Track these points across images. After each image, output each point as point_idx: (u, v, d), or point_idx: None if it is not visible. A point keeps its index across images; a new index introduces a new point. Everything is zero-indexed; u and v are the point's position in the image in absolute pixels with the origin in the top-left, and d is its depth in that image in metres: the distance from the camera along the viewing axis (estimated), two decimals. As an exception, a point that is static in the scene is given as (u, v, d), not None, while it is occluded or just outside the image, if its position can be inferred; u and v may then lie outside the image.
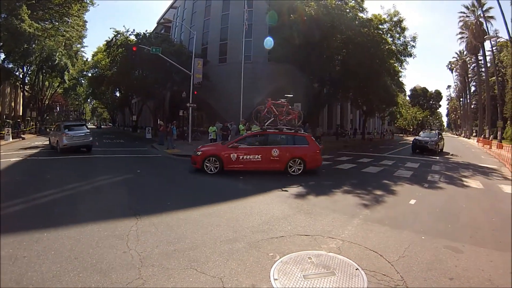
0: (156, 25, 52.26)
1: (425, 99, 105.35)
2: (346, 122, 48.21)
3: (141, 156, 17.04)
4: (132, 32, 34.21)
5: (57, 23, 32.92)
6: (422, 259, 4.68)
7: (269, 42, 23.19)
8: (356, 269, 4.19)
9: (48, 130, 35.41)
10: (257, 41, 31.22)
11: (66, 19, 33.11)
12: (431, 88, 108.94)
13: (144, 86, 33.17)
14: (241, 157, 11.47)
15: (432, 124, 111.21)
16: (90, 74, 52.52)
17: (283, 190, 9.05)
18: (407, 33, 27.91)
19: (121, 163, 13.94)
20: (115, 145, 23.65)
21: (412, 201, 8.34)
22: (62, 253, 4.37)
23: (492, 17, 49.42)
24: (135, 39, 32.93)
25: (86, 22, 37.82)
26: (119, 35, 34.29)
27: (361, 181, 11.04)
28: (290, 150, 11.80)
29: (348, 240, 5.27)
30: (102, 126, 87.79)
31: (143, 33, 33.91)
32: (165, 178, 10.97)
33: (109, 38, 34.97)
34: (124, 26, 63.92)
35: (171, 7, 46.78)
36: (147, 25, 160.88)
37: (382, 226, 6.11)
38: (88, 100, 77.54)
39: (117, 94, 54.85)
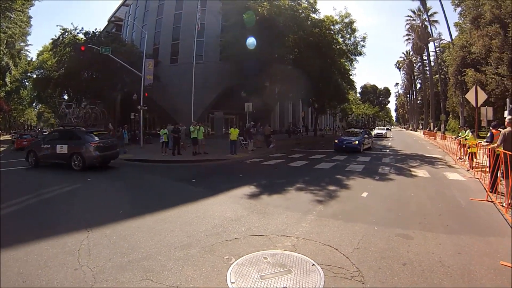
0: (107, 23, 49.81)
1: (375, 95, 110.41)
2: (298, 120, 49.16)
3: None
4: (80, 30, 32.53)
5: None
6: (376, 248, 4.82)
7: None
8: (312, 265, 4.21)
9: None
10: (209, 41, 30.97)
11: (9, 14, 30.72)
12: (381, 86, 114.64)
13: (94, 88, 31.52)
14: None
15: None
16: (35, 76, 48.97)
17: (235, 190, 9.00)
18: (357, 34, 29.14)
19: (69, 171, 13.05)
20: (63, 152, 22.15)
21: (364, 194, 8.59)
22: (9, 277, 3.95)
23: (436, 21, 54.67)
24: (84, 38, 31.35)
25: (31, 18, 35.34)
26: (66, 33, 32.39)
27: (314, 178, 11.16)
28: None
29: (303, 237, 5.29)
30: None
31: (93, 31, 32.34)
32: (116, 185, 10.42)
33: (55, 36, 33.02)
34: (72, 23, 60.03)
35: (123, 4, 44.72)
36: (98, 23, 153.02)
37: (336, 220, 6.20)
38: (33, 104, 72.36)
39: (65, 97, 51.65)
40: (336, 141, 21.14)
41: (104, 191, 9.35)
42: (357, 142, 19.89)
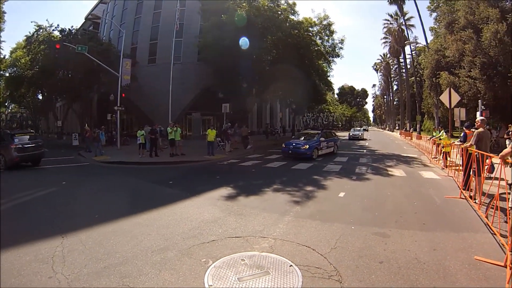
0: (84, 21, 48.37)
1: (353, 96, 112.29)
2: (275, 121, 49.28)
3: (67, 165, 15.50)
4: (56, 28, 31.68)
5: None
6: (353, 248, 4.88)
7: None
8: (290, 266, 4.21)
9: None
10: (187, 41, 30.64)
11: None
12: (358, 87, 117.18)
13: (69, 88, 30.61)
14: None
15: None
16: (7, 74, 46.98)
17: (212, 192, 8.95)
18: (335, 36, 29.45)
19: (44, 175, 12.58)
20: (37, 154, 21.32)
21: (341, 194, 8.69)
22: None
23: (412, 25, 57.39)
24: (60, 36, 30.50)
25: (5, 13, 33.66)
26: (41, 30, 31.46)
27: (291, 178, 11.22)
28: None
29: (280, 238, 5.29)
30: None
31: (69, 29, 31.52)
32: (92, 188, 10.08)
33: (29, 33, 32.00)
34: (47, 20, 58.03)
35: (101, 2, 43.56)
36: (74, 21, 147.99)
37: (313, 221, 6.24)
38: (6, 104, 69.49)
39: (40, 97, 49.89)
40: (284, 145, 17.89)
41: (79, 194, 9.03)
42: (307, 147, 16.45)
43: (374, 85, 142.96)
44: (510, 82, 18.51)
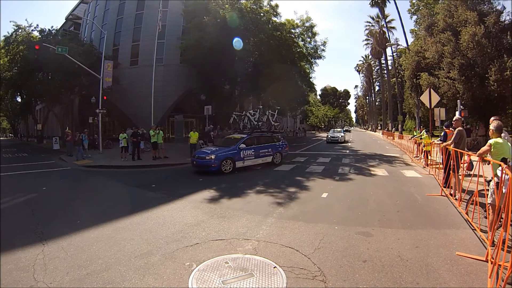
0: (64, 21, 47.22)
1: (335, 97, 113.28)
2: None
3: (47, 170, 15.02)
4: (35, 28, 30.80)
5: None
6: (337, 248, 4.90)
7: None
8: (274, 267, 4.21)
9: None
10: (170, 43, 30.39)
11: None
12: (340, 88, 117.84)
13: (50, 90, 29.69)
14: None
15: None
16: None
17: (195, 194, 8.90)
18: (318, 38, 29.76)
19: (24, 180, 12.17)
20: (17, 159, 20.63)
21: (324, 195, 8.73)
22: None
23: (393, 27, 57.90)
24: (39, 36, 29.66)
25: None
26: (20, 30, 30.48)
27: (274, 180, 11.22)
28: None
29: (264, 239, 5.28)
30: (1, 138, 77.00)
31: (49, 29, 30.74)
32: (74, 193, 9.84)
33: (8, 33, 30.98)
34: (26, 20, 56.37)
35: (82, 1, 42.54)
36: (54, 21, 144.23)
37: (296, 222, 6.25)
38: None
39: (18, 99, 48.47)
40: (193, 154, 14.55)
41: (60, 200, 8.78)
42: (212, 157, 12.59)
43: (356, 86, 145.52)
44: (487, 82, 19.09)
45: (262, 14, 25.68)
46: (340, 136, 32.02)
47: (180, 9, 28.22)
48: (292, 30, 28.41)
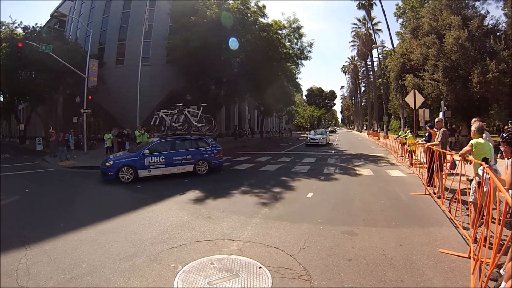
0: (49, 18, 46.04)
1: (321, 98, 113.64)
2: (244, 122, 49.16)
3: (30, 172, 14.64)
4: (19, 25, 30.02)
5: None
6: (322, 247, 4.92)
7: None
8: (260, 268, 4.20)
9: None
10: (156, 42, 30.11)
11: None
12: (326, 88, 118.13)
13: (33, 89, 29.09)
14: None
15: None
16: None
17: (180, 195, 8.86)
18: (304, 39, 29.82)
19: (7, 182, 11.80)
20: (-2, 160, 20.07)
21: (310, 195, 8.76)
22: None
23: (379, 30, 59.21)
24: (23, 33, 28.92)
25: None
26: (3, 27, 29.65)
27: (260, 180, 11.23)
28: None
29: (249, 240, 5.28)
30: None
31: (33, 26, 29.93)
32: (57, 195, 9.58)
33: (-10, 29, 30.04)
34: (10, 16, 54.92)
35: (67, -1, 41.98)
36: (39, 18, 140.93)
37: (281, 222, 6.25)
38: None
39: (1, 98, 47.26)
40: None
41: (43, 203, 8.57)
42: (110, 164, 11.29)
43: (342, 87, 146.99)
44: (470, 84, 19.55)
45: (249, 15, 25.63)
46: (321, 138, 28.52)
47: (167, 8, 28.00)
48: (279, 31, 28.43)
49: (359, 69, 79.50)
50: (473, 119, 6.25)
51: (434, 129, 9.46)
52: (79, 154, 20.20)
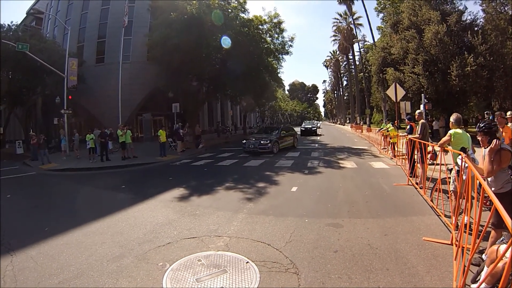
0: (25, 15, 44.34)
1: (303, 92, 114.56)
2: (226, 119, 48.98)
3: (11, 176, 14.08)
4: None
5: None
6: (308, 240, 5.00)
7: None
8: (247, 263, 4.25)
9: None
10: (137, 40, 29.54)
11: None
12: (309, 83, 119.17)
13: (10, 90, 28.09)
14: None
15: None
16: None
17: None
18: (285, 34, 29.80)
19: None
20: (-24, 166, 19.30)
21: (294, 189, 8.85)
22: None
23: (360, 24, 60.58)
24: None
25: None
26: (-24, 25, 28.57)
27: (243, 176, 11.28)
28: None
29: (235, 235, 5.32)
30: None
31: (8, 24, 28.83)
32: (40, 199, 9.41)
33: (-37, 28, 28.88)
34: None
35: (44, -6, 40.52)
36: (14, 15, 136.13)
37: (266, 216, 6.31)
38: None
39: (-25, 100, 45.58)
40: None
41: (26, 207, 8.32)
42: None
43: (324, 81, 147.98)
44: (449, 77, 20.03)
45: (230, 10, 25.37)
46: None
47: (147, 4, 27.50)
48: (260, 26, 28.24)
49: (341, 63, 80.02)
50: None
51: (414, 122, 9.69)
52: (60, 156, 19.72)
